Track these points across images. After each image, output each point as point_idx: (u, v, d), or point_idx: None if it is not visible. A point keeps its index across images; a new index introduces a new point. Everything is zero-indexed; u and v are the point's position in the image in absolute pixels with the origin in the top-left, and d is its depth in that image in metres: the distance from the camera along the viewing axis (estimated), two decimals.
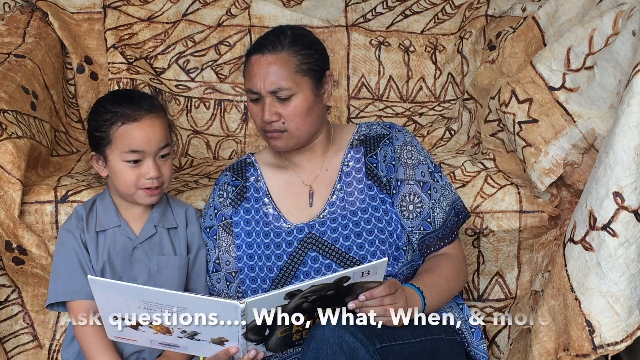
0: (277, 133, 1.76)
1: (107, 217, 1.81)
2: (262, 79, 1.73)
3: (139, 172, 1.74)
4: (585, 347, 1.60)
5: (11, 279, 2.05)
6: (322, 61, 1.79)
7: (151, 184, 1.74)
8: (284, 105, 1.73)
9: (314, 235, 1.78)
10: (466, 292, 2.05)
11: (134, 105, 1.74)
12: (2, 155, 1.93)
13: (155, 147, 1.74)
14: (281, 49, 1.74)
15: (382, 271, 1.52)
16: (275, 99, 1.73)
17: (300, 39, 1.77)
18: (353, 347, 1.48)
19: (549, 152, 1.93)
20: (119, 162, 1.74)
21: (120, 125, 1.72)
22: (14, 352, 2.08)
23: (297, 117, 1.74)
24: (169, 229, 1.84)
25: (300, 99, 1.73)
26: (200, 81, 2.66)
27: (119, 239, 1.79)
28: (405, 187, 1.78)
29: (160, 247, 1.81)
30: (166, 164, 1.77)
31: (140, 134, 1.72)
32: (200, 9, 2.70)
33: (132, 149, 1.72)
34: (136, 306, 1.50)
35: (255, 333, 1.52)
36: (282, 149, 1.79)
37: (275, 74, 1.72)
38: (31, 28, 2.47)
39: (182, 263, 1.82)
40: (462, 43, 2.65)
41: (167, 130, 1.78)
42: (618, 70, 1.79)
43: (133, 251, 1.79)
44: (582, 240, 1.63)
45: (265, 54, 1.74)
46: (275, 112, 1.73)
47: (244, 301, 1.45)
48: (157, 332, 1.54)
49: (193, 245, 1.85)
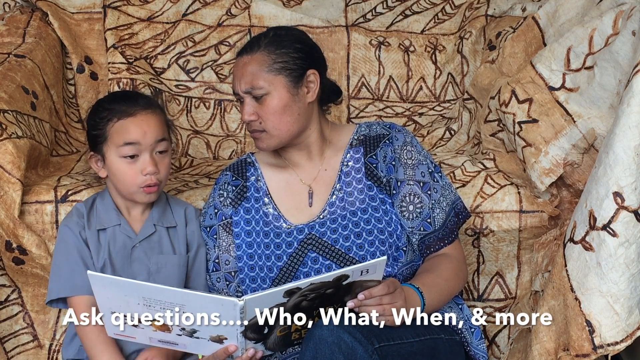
0: (257, 133, 1.78)
1: (107, 215, 1.81)
2: (238, 79, 1.77)
3: (136, 168, 1.74)
4: (585, 347, 1.60)
5: (11, 279, 2.05)
6: (302, 60, 1.78)
7: (149, 180, 1.74)
8: (260, 105, 1.75)
9: (313, 236, 1.78)
10: (466, 292, 2.05)
11: (130, 102, 1.77)
12: (2, 155, 1.93)
13: (150, 139, 1.74)
14: (257, 50, 1.77)
15: (381, 270, 1.52)
16: (252, 98, 1.76)
17: (279, 39, 1.78)
18: (351, 347, 1.48)
19: (549, 152, 1.93)
20: (116, 159, 1.75)
21: (116, 121, 1.74)
22: (14, 352, 2.08)
23: (273, 116, 1.75)
24: (168, 228, 1.84)
25: (275, 97, 1.75)
26: (200, 81, 2.66)
27: (118, 237, 1.80)
28: (405, 187, 1.78)
29: (159, 246, 1.82)
30: (164, 161, 1.78)
31: (134, 127, 1.74)
32: (200, 9, 2.70)
33: (127, 141, 1.73)
34: (135, 302, 1.50)
35: (254, 331, 1.52)
36: (265, 149, 1.81)
37: (249, 73, 1.75)
38: (31, 28, 2.47)
39: (181, 262, 1.83)
40: (462, 43, 2.65)
41: (164, 126, 1.79)
42: (618, 70, 1.79)
43: (132, 250, 1.80)
44: (582, 240, 1.63)
45: (243, 56, 1.79)
46: (253, 112, 1.76)
47: (242, 298, 1.45)
48: (156, 330, 1.55)
49: (193, 244, 1.86)
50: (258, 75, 1.75)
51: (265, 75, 1.74)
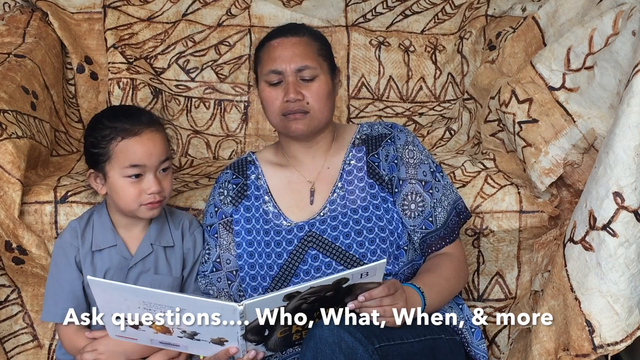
0: (299, 114, 1.76)
1: (103, 235, 1.80)
2: (287, 58, 1.76)
3: (140, 188, 1.72)
4: (585, 347, 1.60)
5: (11, 279, 2.05)
6: (332, 56, 1.85)
7: (153, 199, 1.73)
8: (308, 85, 1.76)
9: (314, 233, 1.78)
10: (466, 292, 2.05)
11: (133, 120, 1.72)
12: (2, 155, 1.93)
13: (156, 161, 1.72)
14: (303, 34, 1.80)
15: (381, 272, 1.52)
16: (299, 79, 1.76)
17: (316, 31, 1.86)
18: (352, 347, 1.48)
19: (549, 152, 1.93)
20: (120, 179, 1.72)
21: (120, 140, 1.70)
22: (14, 352, 2.08)
23: (320, 99, 1.76)
24: (166, 248, 1.82)
25: (323, 81, 1.77)
26: (200, 81, 2.66)
27: (114, 259, 1.79)
28: (407, 186, 1.79)
29: (155, 267, 1.81)
30: (167, 177, 1.76)
31: (141, 148, 1.70)
32: (200, 9, 2.70)
33: (133, 163, 1.70)
34: (136, 306, 1.51)
35: (254, 334, 1.52)
36: (303, 131, 1.78)
37: (301, 53, 1.76)
38: (31, 28, 2.47)
39: (175, 283, 1.82)
40: (462, 43, 2.65)
41: (167, 143, 1.77)
42: (618, 70, 1.79)
43: (129, 271, 1.79)
44: (582, 240, 1.63)
45: (289, 37, 1.79)
46: (299, 92, 1.75)
47: (242, 303, 1.45)
48: (157, 332, 1.55)
49: (188, 262, 1.85)
50: (311, 56, 1.77)
51: (317, 58, 1.78)
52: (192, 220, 1.90)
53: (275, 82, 1.77)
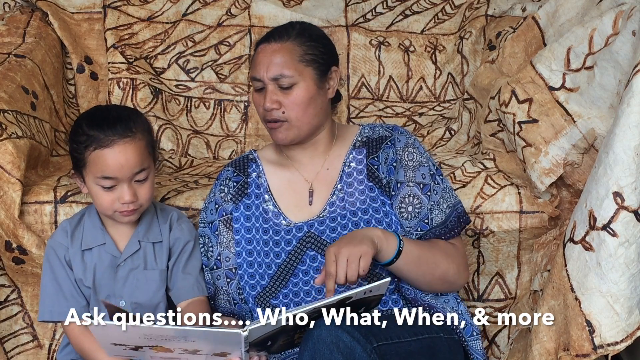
0: (277, 123, 1.76)
1: (92, 234, 1.80)
2: (265, 66, 1.75)
3: (114, 196, 1.71)
4: (585, 347, 1.60)
5: (11, 279, 2.05)
6: (328, 56, 1.81)
7: (126, 208, 1.72)
8: (286, 94, 1.75)
9: (312, 234, 1.78)
10: (466, 292, 2.05)
11: (107, 130, 1.69)
12: (2, 155, 1.93)
13: (128, 173, 1.70)
14: (287, 39, 1.77)
15: (384, 289, 1.54)
16: (277, 87, 1.75)
17: (307, 32, 1.81)
18: (350, 347, 1.48)
19: (549, 152, 1.93)
20: (94, 185, 1.72)
21: (93, 150, 1.69)
22: (14, 352, 2.08)
23: (298, 107, 1.75)
24: (154, 243, 1.82)
25: (302, 88, 1.75)
26: (200, 81, 2.66)
27: (104, 257, 1.79)
28: (405, 188, 1.78)
29: (144, 262, 1.80)
30: (143, 186, 1.73)
31: (111, 160, 1.68)
32: (200, 9, 2.70)
33: (104, 175, 1.69)
34: (136, 337, 1.49)
35: (258, 348, 1.53)
36: (283, 140, 1.79)
37: (279, 61, 1.75)
38: (31, 28, 2.47)
39: (162, 276, 1.81)
40: (462, 43, 2.65)
41: (144, 153, 1.72)
42: (618, 70, 1.79)
43: (117, 268, 1.79)
44: (582, 240, 1.63)
45: (272, 43, 1.78)
46: (276, 100, 1.75)
47: (246, 329, 1.45)
48: (158, 351, 1.54)
49: (175, 251, 1.83)
50: (289, 64, 1.75)
51: (296, 65, 1.75)
52: (181, 215, 1.90)
53: (259, 88, 1.78)
